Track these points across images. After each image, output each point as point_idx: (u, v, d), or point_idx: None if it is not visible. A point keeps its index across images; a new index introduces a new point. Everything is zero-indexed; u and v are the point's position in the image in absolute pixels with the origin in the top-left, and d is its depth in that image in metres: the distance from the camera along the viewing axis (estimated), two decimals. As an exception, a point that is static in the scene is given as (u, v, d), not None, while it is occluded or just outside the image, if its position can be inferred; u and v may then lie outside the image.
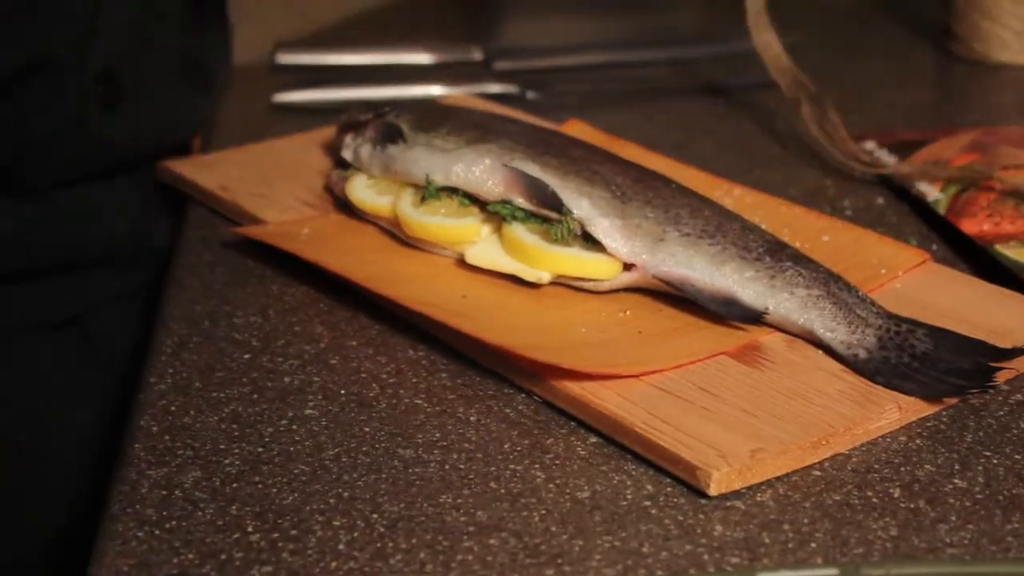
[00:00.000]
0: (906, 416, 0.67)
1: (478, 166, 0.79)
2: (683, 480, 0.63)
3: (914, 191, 0.90)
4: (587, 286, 0.77)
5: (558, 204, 0.76)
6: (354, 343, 0.75)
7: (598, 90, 1.13)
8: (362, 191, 0.84)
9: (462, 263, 0.79)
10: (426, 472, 0.64)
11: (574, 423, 0.67)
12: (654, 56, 1.19)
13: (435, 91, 1.09)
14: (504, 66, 1.15)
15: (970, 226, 0.84)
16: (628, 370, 0.68)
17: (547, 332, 0.73)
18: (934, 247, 0.84)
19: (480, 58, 1.16)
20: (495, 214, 0.79)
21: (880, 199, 0.91)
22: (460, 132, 0.82)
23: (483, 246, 0.79)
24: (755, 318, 0.72)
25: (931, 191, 0.89)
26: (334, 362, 0.73)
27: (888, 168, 0.92)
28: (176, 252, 0.86)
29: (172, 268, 0.84)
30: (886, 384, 0.68)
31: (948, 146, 0.96)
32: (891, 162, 0.93)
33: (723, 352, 0.71)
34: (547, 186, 0.77)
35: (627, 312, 0.75)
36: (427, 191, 0.80)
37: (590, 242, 0.76)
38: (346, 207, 0.86)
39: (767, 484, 0.63)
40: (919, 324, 0.71)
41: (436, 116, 0.85)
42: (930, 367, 0.69)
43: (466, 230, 0.79)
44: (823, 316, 0.71)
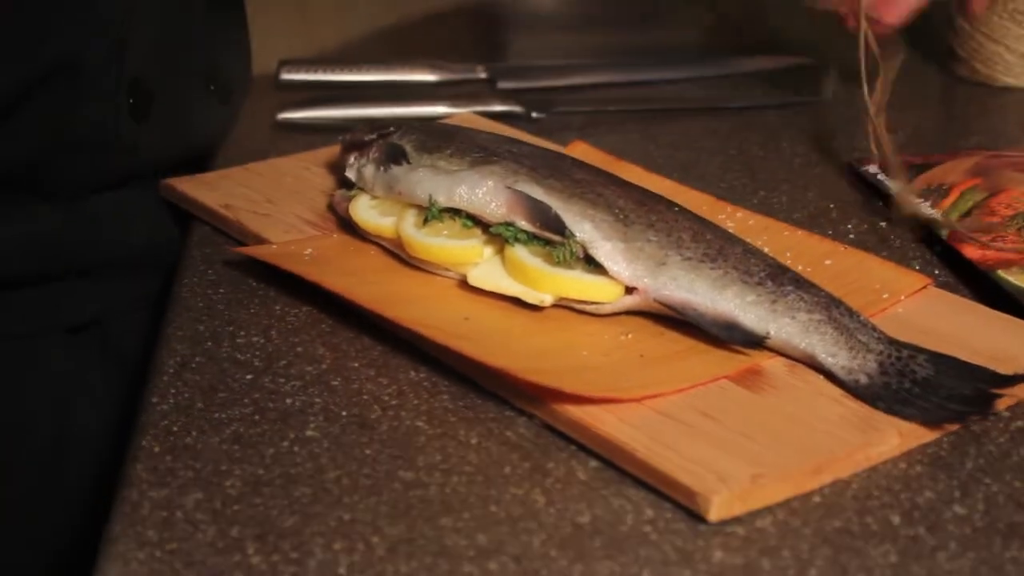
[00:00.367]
0: (907, 442, 0.67)
1: (481, 188, 0.79)
2: (683, 505, 0.63)
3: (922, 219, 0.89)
4: (589, 309, 0.77)
5: (561, 227, 0.76)
6: (356, 364, 0.75)
7: (602, 110, 1.13)
8: (366, 211, 0.85)
9: (464, 285, 0.79)
10: (427, 494, 0.64)
11: (575, 447, 0.67)
12: (659, 76, 1.19)
13: (439, 110, 1.09)
14: (508, 85, 1.15)
15: (972, 251, 0.84)
16: (629, 394, 0.68)
17: (549, 355, 0.73)
18: (936, 272, 0.84)
19: (484, 77, 1.16)
20: (498, 236, 0.79)
21: (883, 223, 0.91)
22: (464, 154, 0.82)
23: (486, 268, 0.79)
24: (757, 342, 0.73)
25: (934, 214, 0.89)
26: (336, 383, 0.73)
27: (942, 227, 0.89)
28: (179, 270, 0.86)
29: (175, 287, 0.84)
30: (887, 410, 0.68)
31: (952, 170, 0.96)
32: (950, 221, 0.89)
33: (724, 376, 0.71)
34: (550, 208, 0.77)
35: (629, 335, 0.75)
36: (430, 212, 0.80)
37: (592, 265, 0.76)
38: (349, 227, 0.86)
39: (767, 510, 0.63)
40: (920, 350, 0.71)
41: (440, 137, 0.85)
42: (931, 393, 0.69)
43: (469, 252, 0.79)
44: (824, 341, 0.71)
